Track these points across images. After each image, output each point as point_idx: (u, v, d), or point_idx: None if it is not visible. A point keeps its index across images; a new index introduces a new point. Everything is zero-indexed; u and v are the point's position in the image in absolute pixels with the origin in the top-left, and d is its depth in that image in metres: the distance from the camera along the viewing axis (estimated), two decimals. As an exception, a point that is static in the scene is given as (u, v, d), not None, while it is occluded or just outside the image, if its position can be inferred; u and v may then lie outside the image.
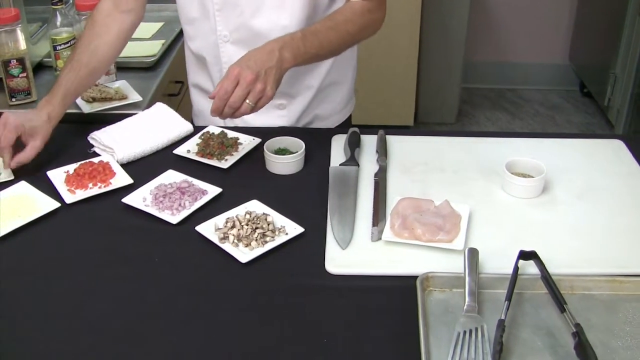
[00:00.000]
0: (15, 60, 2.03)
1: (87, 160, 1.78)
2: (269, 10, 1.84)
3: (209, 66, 2.00)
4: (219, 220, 1.57)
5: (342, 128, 2.11)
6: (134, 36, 2.51)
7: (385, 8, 1.89)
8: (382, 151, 1.80)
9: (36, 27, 2.31)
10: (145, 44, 2.47)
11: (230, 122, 1.99)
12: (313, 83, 2.01)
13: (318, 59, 1.85)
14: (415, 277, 1.37)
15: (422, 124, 4.66)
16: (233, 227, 1.52)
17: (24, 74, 2.06)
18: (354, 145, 1.81)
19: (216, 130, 1.90)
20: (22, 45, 2.03)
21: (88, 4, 2.16)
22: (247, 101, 1.62)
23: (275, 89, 1.66)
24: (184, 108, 2.46)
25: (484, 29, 4.89)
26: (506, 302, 1.29)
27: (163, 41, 2.48)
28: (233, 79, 1.61)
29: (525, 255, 1.39)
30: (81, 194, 1.68)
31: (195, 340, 1.29)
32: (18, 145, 1.75)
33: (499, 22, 4.90)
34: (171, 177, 1.73)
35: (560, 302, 1.30)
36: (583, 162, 1.80)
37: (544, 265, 1.37)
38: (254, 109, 1.64)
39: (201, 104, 2.11)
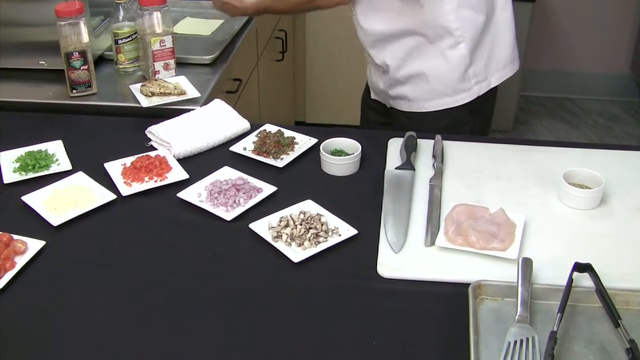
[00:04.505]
0: (77, 53, 2.05)
1: (144, 154, 1.81)
2: None
3: None
4: (273, 218, 1.57)
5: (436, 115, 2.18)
6: (193, 33, 2.53)
7: None
8: (439, 156, 1.79)
9: (99, 21, 2.33)
10: (205, 41, 2.49)
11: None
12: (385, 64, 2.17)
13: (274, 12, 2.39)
14: (467, 285, 1.36)
15: (479, 130, 4.61)
16: (287, 226, 1.53)
17: (85, 67, 2.08)
18: (410, 149, 1.81)
19: (273, 129, 1.90)
20: (85, 38, 2.05)
21: (150, -1, 2.18)
22: None
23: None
24: (241, 105, 2.47)
25: (544, 37, 4.84)
26: (559, 313, 1.28)
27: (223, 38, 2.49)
28: None
29: (580, 267, 1.37)
30: (137, 187, 1.70)
31: (243, 337, 1.29)
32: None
33: (559, 31, 4.84)
34: (227, 173, 1.74)
35: (614, 317, 1.28)
36: (642, 175, 1.78)
37: (599, 279, 1.35)
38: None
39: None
